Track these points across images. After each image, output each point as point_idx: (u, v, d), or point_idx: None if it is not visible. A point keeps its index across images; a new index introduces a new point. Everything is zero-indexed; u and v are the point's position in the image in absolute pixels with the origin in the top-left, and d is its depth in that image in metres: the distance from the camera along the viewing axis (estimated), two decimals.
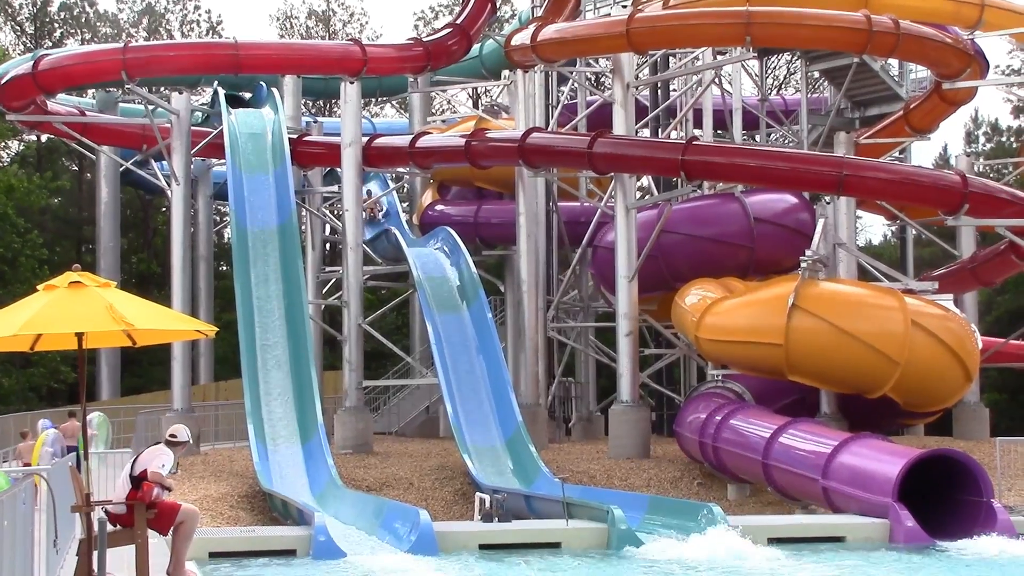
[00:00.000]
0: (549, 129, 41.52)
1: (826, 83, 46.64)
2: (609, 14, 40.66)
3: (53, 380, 55.19)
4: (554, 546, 22.47)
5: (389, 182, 51.69)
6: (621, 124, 36.72)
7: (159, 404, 41.24)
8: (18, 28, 71.02)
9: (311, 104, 65.20)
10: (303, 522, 24.20)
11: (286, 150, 38.82)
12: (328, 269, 46.44)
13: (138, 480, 13.94)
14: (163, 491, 14.05)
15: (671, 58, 44.34)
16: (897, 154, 43.18)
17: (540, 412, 38.24)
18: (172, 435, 14.70)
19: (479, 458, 31.95)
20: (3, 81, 38.42)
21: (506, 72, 44.05)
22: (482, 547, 22.39)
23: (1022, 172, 45.95)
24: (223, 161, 40.70)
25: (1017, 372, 48.60)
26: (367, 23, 77.47)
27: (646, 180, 43.70)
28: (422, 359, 44.96)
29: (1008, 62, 64.19)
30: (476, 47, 46.11)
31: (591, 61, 45.95)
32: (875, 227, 78.61)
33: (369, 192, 48.26)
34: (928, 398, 30.89)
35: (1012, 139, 65.35)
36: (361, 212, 39.07)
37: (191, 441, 14.89)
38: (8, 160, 64.77)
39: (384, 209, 37.66)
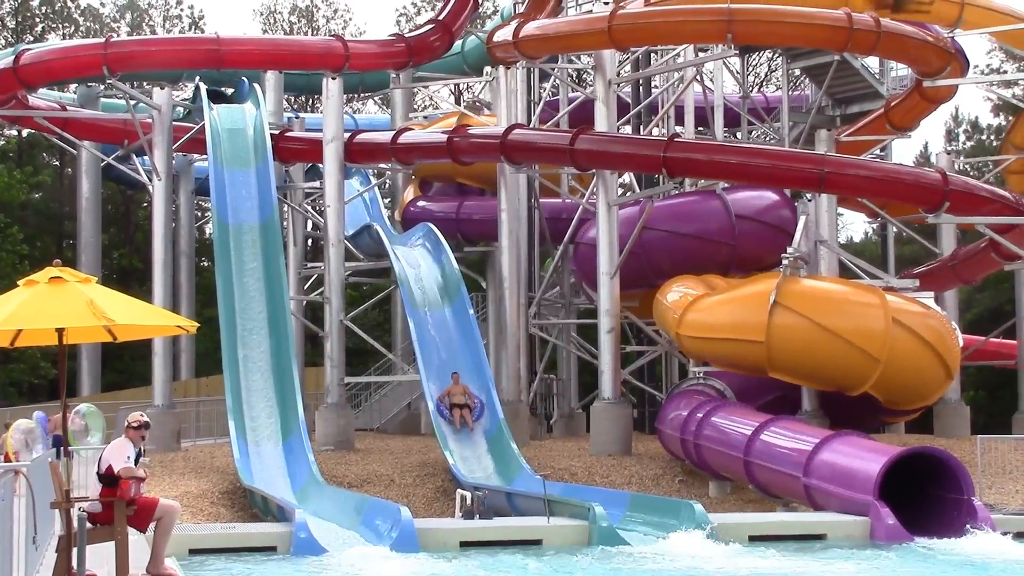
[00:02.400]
0: (531, 126, 41.52)
1: (807, 80, 46.66)
2: (591, 11, 40.69)
3: (34, 376, 55.10)
4: (535, 543, 22.47)
5: (371, 178, 51.64)
6: (603, 121, 36.72)
7: (140, 400, 41.13)
8: None
9: (293, 100, 65.15)
10: (284, 519, 24.17)
11: (268, 146, 38.76)
12: (310, 265, 46.35)
13: (105, 478, 13.87)
14: (138, 483, 13.98)
15: (653, 55, 44.36)
16: (878, 152, 43.27)
17: (522, 409, 38.22)
18: (127, 423, 14.66)
19: (460, 455, 31.95)
20: None
21: (488, 68, 44.05)
22: (463, 544, 22.37)
23: (1002, 170, 46.03)
24: (205, 156, 40.66)
25: (997, 370, 48.73)
26: (350, 19, 77.47)
27: (628, 177, 43.76)
28: (404, 355, 44.91)
29: (988, 61, 64.45)
30: (458, 43, 46.10)
31: (573, 58, 45.95)
32: (856, 224, 79.00)
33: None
34: (909, 395, 30.96)
35: (992, 137, 65.53)
36: (343, 207, 39.00)
37: (147, 421, 14.71)
38: None
39: (478, 405, 33.91)
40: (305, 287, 45.94)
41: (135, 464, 14.22)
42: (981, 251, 39.19)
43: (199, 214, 58.96)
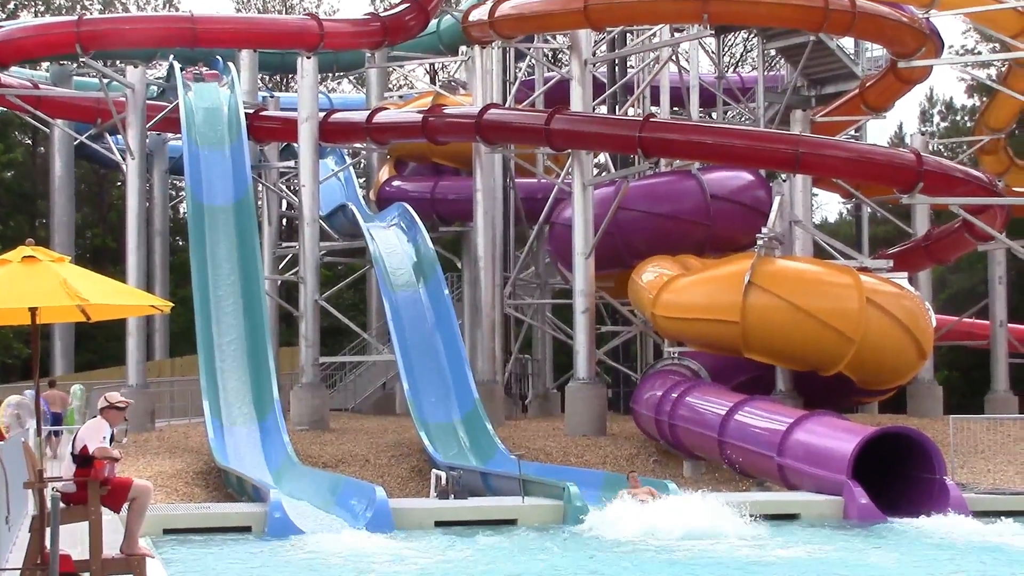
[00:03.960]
0: (506, 105, 41.45)
1: (783, 61, 46.72)
2: None
3: (7, 356, 54.87)
4: (510, 523, 22.51)
5: (346, 157, 51.53)
6: (578, 101, 36.71)
7: (114, 380, 40.99)
8: None
9: (268, 79, 64.90)
10: (258, 499, 24.14)
11: (242, 125, 38.63)
12: (284, 244, 46.24)
13: (80, 458, 13.79)
14: (112, 464, 13.91)
15: (628, 35, 44.33)
16: (853, 132, 43.36)
17: (496, 389, 38.24)
18: (106, 402, 14.54)
19: (435, 435, 31.94)
20: None
21: (463, 48, 43.95)
22: (438, 524, 22.41)
23: (976, 151, 46.19)
24: (179, 135, 40.51)
25: (970, 350, 48.97)
26: None
27: (603, 157, 43.74)
28: (379, 335, 44.87)
29: (963, 41, 64.53)
30: (433, 22, 45.96)
31: (549, 37, 45.88)
32: (831, 205, 79.26)
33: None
34: (882, 376, 31.08)
35: (966, 118, 65.64)
36: (318, 187, 38.87)
37: (119, 404, 14.62)
38: None
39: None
40: (280, 267, 45.88)
41: (110, 444, 14.14)
42: (955, 232, 39.33)
43: (173, 193, 58.76)
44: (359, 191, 51.39)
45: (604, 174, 41.59)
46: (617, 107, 43.44)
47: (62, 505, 13.21)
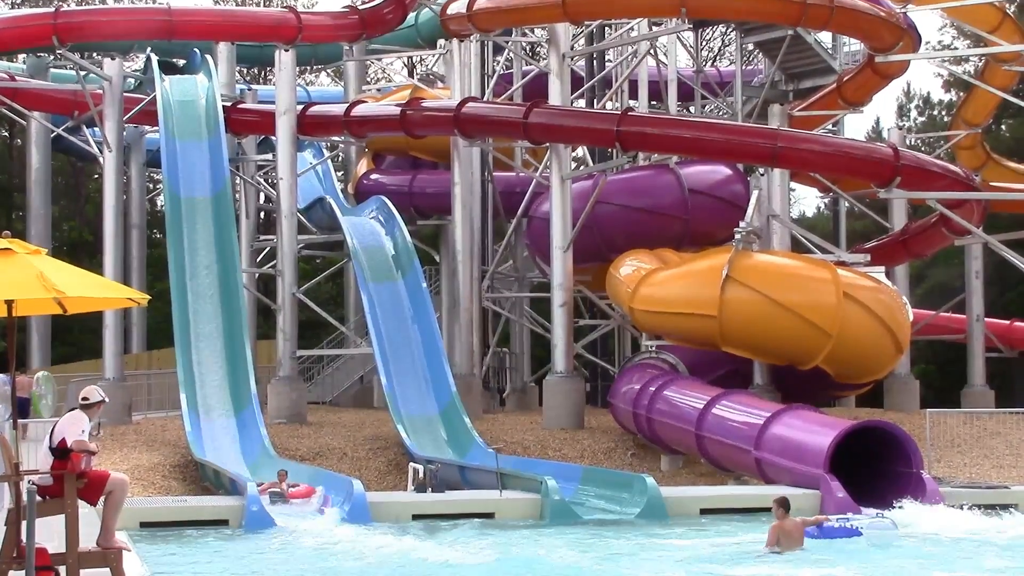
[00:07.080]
0: (484, 99, 41.43)
1: (760, 55, 46.78)
2: None
3: None
4: (488, 516, 22.52)
5: (324, 151, 51.43)
6: (556, 94, 36.69)
7: (91, 373, 40.83)
8: None
9: (245, 71, 64.73)
10: (235, 492, 24.13)
11: (220, 118, 38.50)
12: (262, 238, 46.12)
13: (58, 451, 13.74)
14: (88, 457, 13.86)
15: (607, 28, 44.33)
16: (830, 127, 43.43)
17: (474, 382, 38.24)
18: (84, 398, 14.45)
19: (413, 428, 31.92)
20: None
21: (442, 41, 43.93)
22: (415, 517, 22.43)
23: (953, 145, 46.32)
24: (156, 128, 40.35)
25: (947, 344, 49.12)
26: None
27: (581, 151, 43.73)
28: (356, 329, 44.80)
29: (940, 37, 64.72)
30: (412, 16, 45.86)
31: (527, 31, 45.88)
32: (808, 199, 79.17)
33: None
34: (859, 370, 31.15)
35: (943, 113, 65.82)
36: (295, 180, 38.80)
37: (106, 399, 14.61)
38: None
39: None
40: (257, 260, 45.75)
41: (88, 438, 14.09)
42: (932, 226, 39.43)
43: (151, 186, 58.51)
44: (337, 184, 51.26)
45: (582, 168, 41.59)
46: (595, 101, 43.44)
47: (38, 498, 13.16)
